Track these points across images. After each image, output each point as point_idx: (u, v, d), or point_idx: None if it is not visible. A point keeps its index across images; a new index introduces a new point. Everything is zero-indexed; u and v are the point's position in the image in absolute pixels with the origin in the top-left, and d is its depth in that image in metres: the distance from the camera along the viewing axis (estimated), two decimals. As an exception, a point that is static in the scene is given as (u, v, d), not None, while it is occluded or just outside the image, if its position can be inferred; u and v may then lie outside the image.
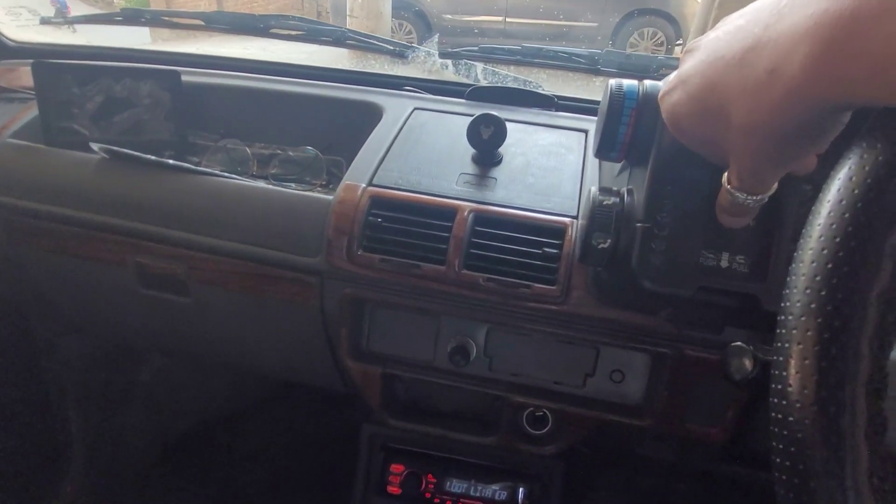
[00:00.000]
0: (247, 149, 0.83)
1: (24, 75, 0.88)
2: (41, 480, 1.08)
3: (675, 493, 1.06)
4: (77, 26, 0.99)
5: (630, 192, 0.52)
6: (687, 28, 4.73)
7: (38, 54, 0.91)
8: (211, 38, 1.09)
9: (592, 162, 0.72)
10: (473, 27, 5.11)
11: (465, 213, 0.65)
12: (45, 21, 0.91)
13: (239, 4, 6.07)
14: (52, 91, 0.75)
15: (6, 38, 0.93)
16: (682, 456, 0.81)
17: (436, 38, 0.92)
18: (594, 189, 0.53)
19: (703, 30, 3.78)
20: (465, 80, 0.93)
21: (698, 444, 0.70)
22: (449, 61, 0.93)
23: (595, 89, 0.91)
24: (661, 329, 0.61)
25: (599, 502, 1.09)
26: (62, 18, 0.91)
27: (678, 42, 4.90)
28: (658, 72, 0.83)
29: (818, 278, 0.27)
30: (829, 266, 0.26)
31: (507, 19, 5.12)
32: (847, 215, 0.27)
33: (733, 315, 0.54)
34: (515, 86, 0.89)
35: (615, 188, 0.54)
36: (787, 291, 0.28)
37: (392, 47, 0.93)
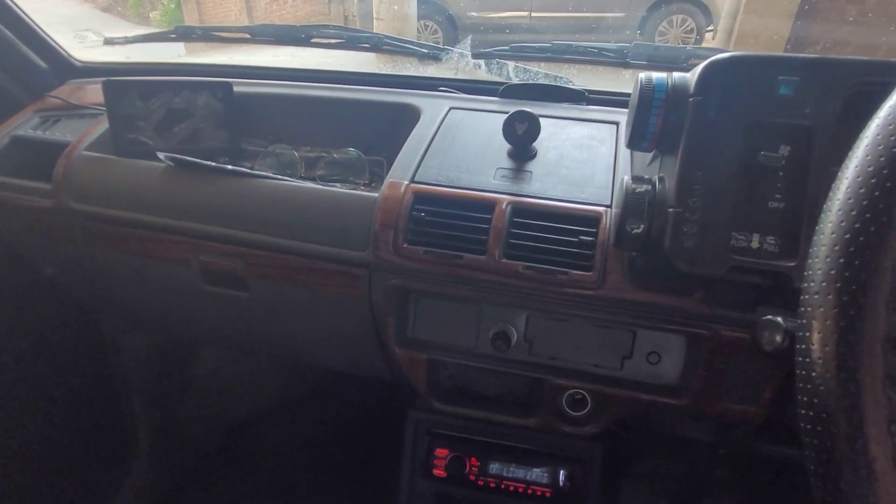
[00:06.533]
0: (294, 152, 0.89)
1: (90, 93, 0.96)
2: (112, 466, 1.17)
3: (714, 480, 1.07)
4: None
5: (662, 179, 0.55)
6: (717, 14, 4.62)
7: (102, 72, 0.99)
8: (241, 47, 1.15)
9: (624, 153, 0.74)
10: (499, 24, 5.11)
11: (504, 206, 0.68)
12: (108, 42, 0.99)
13: (269, 12, 6.22)
14: (119, 106, 0.83)
15: (75, 59, 1.01)
16: (719, 435, 0.82)
17: (468, 39, 0.96)
18: (627, 178, 0.56)
19: (734, 15, 3.70)
20: (497, 79, 0.97)
21: (735, 423, 0.72)
22: (481, 61, 0.96)
23: (625, 82, 0.93)
24: (695, 310, 0.63)
25: (637, 488, 1.11)
26: (123, 39, 0.99)
27: (709, 28, 4.79)
28: (687, 62, 0.84)
29: (837, 248, 0.29)
30: (847, 236, 0.29)
31: (533, 14, 5.10)
32: (863, 190, 0.29)
33: (766, 294, 0.56)
34: (546, 82, 0.92)
35: (647, 176, 0.56)
36: (810, 261, 0.31)
37: (426, 50, 0.97)
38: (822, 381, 0.29)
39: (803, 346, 0.30)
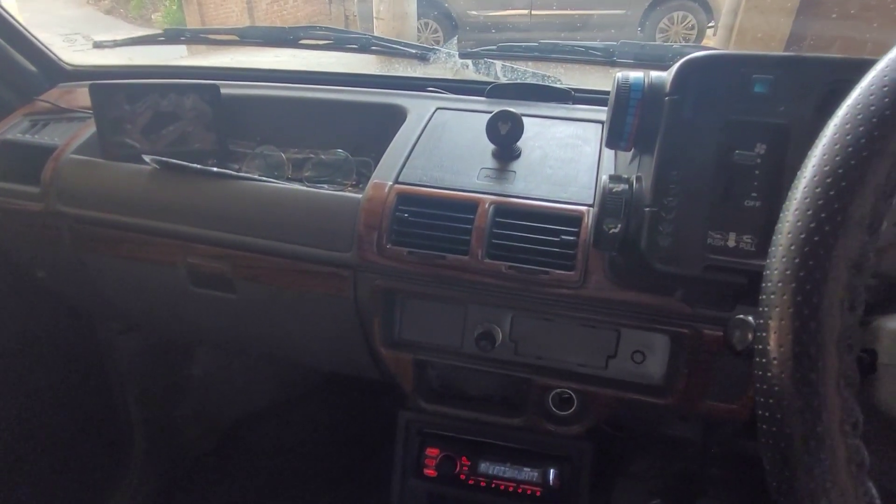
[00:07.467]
0: (282, 154, 0.89)
1: (80, 96, 0.96)
2: (107, 467, 1.18)
3: (707, 479, 1.06)
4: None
5: (639, 178, 0.55)
6: (718, 10, 4.60)
7: (92, 76, 1.00)
8: (242, 48, 1.16)
9: (608, 152, 0.74)
10: (499, 22, 5.10)
11: (486, 206, 0.68)
12: (97, 45, 1.00)
13: (270, 13, 6.23)
14: (107, 109, 0.83)
15: (64, 62, 1.02)
16: (706, 434, 0.82)
17: (455, 39, 0.96)
18: (605, 177, 0.56)
19: (735, 11, 3.68)
20: (485, 79, 0.97)
21: (721, 421, 0.72)
22: (469, 61, 0.96)
23: (612, 81, 0.93)
24: (677, 310, 0.63)
25: (630, 487, 1.10)
26: (112, 42, 0.99)
27: (710, 25, 4.77)
28: (673, 60, 0.84)
29: (793, 247, 0.29)
30: (802, 236, 0.29)
31: (533, 11, 5.09)
32: (818, 190, 0.29)
33: (744, 293, 0.55)
34: (534, 81, 0.92)
35: (625, 175, 0.56)
36: (768, 261, 0.31)
37: (414, 50, 0.97)
38: (778, 380, 0.29)
39: (760, 346, 0.30)
